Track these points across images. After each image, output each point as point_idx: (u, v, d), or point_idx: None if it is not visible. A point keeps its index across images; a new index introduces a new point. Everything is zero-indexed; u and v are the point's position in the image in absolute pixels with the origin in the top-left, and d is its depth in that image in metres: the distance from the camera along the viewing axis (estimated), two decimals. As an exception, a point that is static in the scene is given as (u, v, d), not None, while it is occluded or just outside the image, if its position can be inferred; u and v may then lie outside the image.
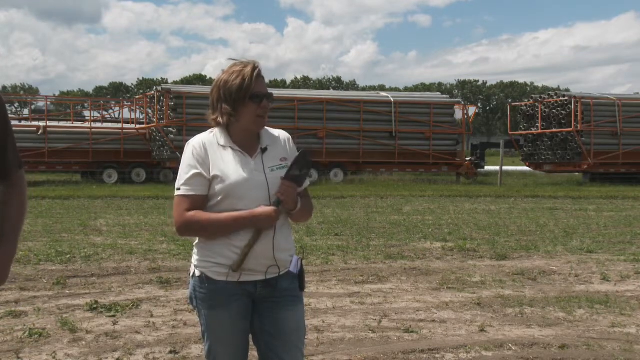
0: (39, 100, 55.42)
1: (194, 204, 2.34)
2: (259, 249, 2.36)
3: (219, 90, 2.39)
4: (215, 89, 2.41)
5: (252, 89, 2.36)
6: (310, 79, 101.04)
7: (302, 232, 9.71)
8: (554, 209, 14.60)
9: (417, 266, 7.31)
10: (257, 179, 2.37)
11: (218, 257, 2.37)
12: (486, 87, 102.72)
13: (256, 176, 2.37)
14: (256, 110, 2.38)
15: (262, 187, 2.37)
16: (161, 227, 10.47)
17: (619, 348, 4.40)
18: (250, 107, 2.37)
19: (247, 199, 2.33)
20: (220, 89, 2.38)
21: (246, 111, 2.37)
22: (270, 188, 2.37)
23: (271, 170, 2.40)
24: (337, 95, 28.74)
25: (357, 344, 4.45)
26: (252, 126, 2.40)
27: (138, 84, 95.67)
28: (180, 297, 5.70)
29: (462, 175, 25.20)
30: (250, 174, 2.36)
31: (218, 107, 2.40)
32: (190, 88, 27.34)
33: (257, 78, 2.38)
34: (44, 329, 4.67)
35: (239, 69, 2.38)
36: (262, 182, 2.37)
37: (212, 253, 2.38)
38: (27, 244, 8.55)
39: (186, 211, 2.34)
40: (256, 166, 2.38)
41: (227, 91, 2.36)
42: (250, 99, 2.36)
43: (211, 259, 2.38)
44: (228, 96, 2.36)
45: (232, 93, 2.35)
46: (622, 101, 24.42)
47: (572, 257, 8.01)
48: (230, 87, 2.36)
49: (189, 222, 2.33)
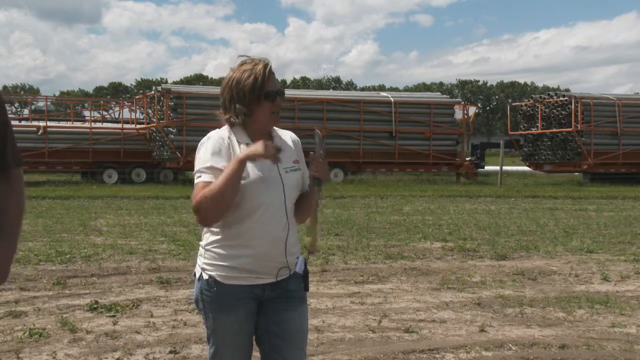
0: (39, 100, 55.54)
1: None
2: (271, 251, 2.35)
3: (231, 90, 2.36)
4: (227, 89, 2.37)
5: (266, 87, 2.34)
6: (309, 79, 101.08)
7: (302, 232, 9.69)
8: (554, 209, 14.60)
9: (417, 266, 7.31)
10: (274, 178, 2.35)
11: (228, 260, 2.35)
12: (486, 87, 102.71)
13: (272, 176, 2.35)
14: (271, 108, 2.37)
15: (278, 187, 2.35)
16: (161, 227, 10.46)
17: (619, 348, 4.40)
18: (265, 105, 2.35)
19: (264, 197, 2.31)
20: (233, 88, 2.35)
21: (261, 110, 2.36)
22: (285, 189, 2.37)
23: (285, 171, 2.39)
24: (337, 95, 28.77)
25: (357, 344, 4.45)
26: (268, 123, 2.40)
27: (137, 84, 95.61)
28: (180, 297, 5.70)
29: (462, 175, 25.20)
30: (267, 173, 2.33)
31: (231, 107, 2.37)
32: (190, 88, 27.36)
33: (270, 76, 2.36)
34: (44, 329, 4.67)
35: (250, 68, 2.35)
36: (278, 181, 2.36)
37: (222, 256, 2.35)
38: (27, 244, 8.54)
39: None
40: (271, 166, 2.36)
41: (241, 91, 2.34)
42: (264, 98, 2.34)
43: (221, 262, 2.35)
44: (242, 96, 2.34)
45: (245, 93, 2.33)
46: (622, 101, 24.42)
47: (572, 257, 8.01)
48: (243, 87, 2.33)
49: (202, 196, 2.22)
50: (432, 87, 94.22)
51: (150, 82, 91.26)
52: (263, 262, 2.35)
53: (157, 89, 23.07)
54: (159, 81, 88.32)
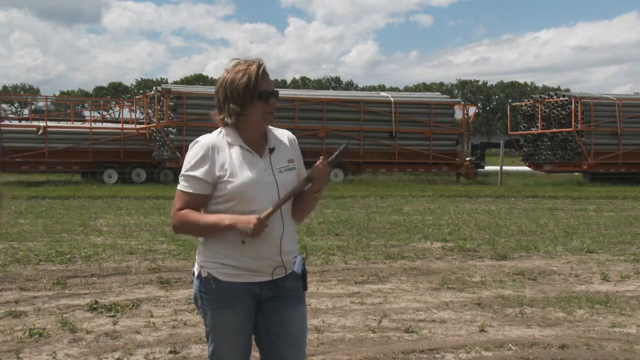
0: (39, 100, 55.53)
1: (190, 202, 2.35)
2: (266, 250, 2.36)
3: (225, 90, 2.37)
4: (221, 89, 2.39)
5: (259, 87, 2.36)
6: (309, 79, 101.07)
7: (302, 232, 9.70)
8: (554, 209, 14.60)
9: (417, 266, 7.31)
10: (267, 180, 2.37)
11: (225, 257, 2.36)
12: (486, 87, 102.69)
13: (265, 177, 2.37)
14: (264, 108, 2.38)
15: (271, 189, 2.37)
16: (161, 227, 10.47)
17: (619, 348, 4.40)
18: (259, 105, 2.37)
19: (258, 200, 2.32)
20: (227, 88, 2.37)
21: (254, 110, 2.37)
22: (280, 189, 2.37)
23: (279, 171, 2.40)
24: (337, 95, 28.78)
25: (357, 344, 4.45)
26: (261, 124, 2.41)
27: (137, 84, 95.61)
28: (180, 297, 5.70)
29: (462, 175, 25.20)
30: (259, 175, 2.35)
31: (225, 107, 2.38)
32: (190, 88, 27.39)
33: (263, 76, 2.38)
34: (44, 329, 4.68)
35: (244, 68, 2.37)
36: (272, 183, 2.37)
37: (219, 254, 2.37)
38: (27, 244, 8.55)
39: (179, 209, 2.35)
40: (265, 167, 2.38)
41: (234, 91, 2.35)
42: (258, 98, 2.36)
43: (218, 260, 2.37)
44: (236, 96, 2.35)
45: (239, 92, 2.35)
46: (622, 101, 24.43)
47: (572, 257, 8.01)
48: (237, 87, 2.35)
49: (178, 221, 2.36)
50: (432, 87, 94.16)
51: (150, 82, 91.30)
52: (259, 261, 2.37)
53: (157, 89, 23.09)
54: (159, 81, 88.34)
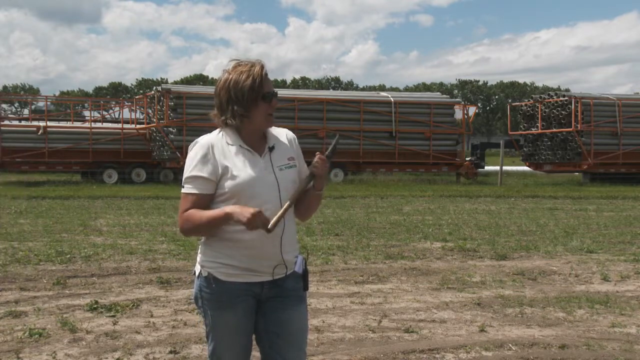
0: (39, 100, 55.53)
1: (196, 203, 2.35)
2: (267, 249, 2.36)
3: (229, 92, 2.37)
4: (224, 90, 2.38)
5: (263, 88, 2.37)
6: (309, 79, 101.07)
7: (302, 232, 9.71)
8: (554, 209, 14.60)
9: (417, 266, 7.31)
10: (267, 177, 2.37)
11: (225, 257, 2.37)
12: (486, 87, 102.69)
13: (266, 175, 2.37)
14: (267, 109, 2.40)
15: (272, 186, 2.37)
16: (161, 227, 10.47)
17: (619, 348, 4.40)
18: (262, 106, 2.38)
19: (258, 198, 2.33)
20: (231, 89, 2.36)
21: (258, 111, 2.38)
22: (281, 187, 2.38)
23: (280, 169, 2.41)
24: (337, 95, 28.77)
25: (357, 344, 4.45)
26: (264, 124, 2.42)
27: (137, 84, 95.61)
28: (180, 297, 5.70)
29: (462, 175, 25.20)
30: (260, 173, 2.36)
31: (228, 109, 2.38)
32: (190, 88, 27.38)
33: (266, 77, 2.39)
34: (44, 329, 4.68)
35: (247, 69, 2.37)
36: (272, 181, 2.38)
37: (219, 253, 2.38)
38: (27, 244, 8.55)
39: (185, 211, 2.36)
40: (265, 165, 2.39)
41: (239, 92, 2.35)
42: (262, 99, 2.37)
43: (219, 260, 2.38)
44: (240, 97, 2.36)
45: (244, 94, 2.35)
46: (622, 101, 24.42)
47: (572, 257, 8.01)
48: (242, 88, 2.35)
49: (184, 221, 2.36)
50: (432, 87, 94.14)
51: (150, 82, 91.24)
52: (259, 260, 2.37)
53: (157, 89, 23.07)
54: (159, 81, 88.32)
